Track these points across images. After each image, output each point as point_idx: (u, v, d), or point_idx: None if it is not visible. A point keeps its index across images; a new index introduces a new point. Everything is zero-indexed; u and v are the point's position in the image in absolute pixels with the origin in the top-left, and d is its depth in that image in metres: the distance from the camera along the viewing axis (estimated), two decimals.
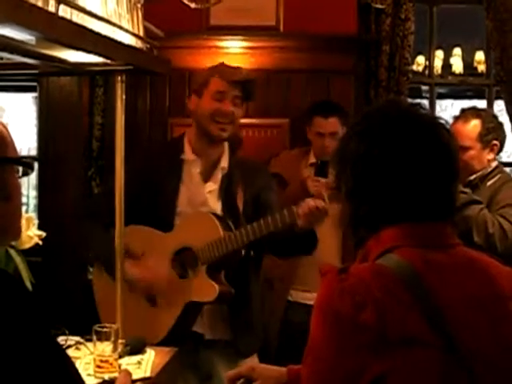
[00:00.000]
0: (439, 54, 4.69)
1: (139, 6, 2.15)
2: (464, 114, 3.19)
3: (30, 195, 6.69)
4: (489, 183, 3.11)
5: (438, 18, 4.54)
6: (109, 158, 3.53)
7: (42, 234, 2.32)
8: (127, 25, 2.05)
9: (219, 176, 2.68)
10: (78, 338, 2.30)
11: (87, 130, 4.24)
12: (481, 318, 1.27)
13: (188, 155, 2.68)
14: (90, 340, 2.13)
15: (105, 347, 2.06)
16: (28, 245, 2.27)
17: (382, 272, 1.25)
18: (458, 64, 4.71)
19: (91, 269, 2.89)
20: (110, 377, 2.02)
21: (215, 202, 2.66)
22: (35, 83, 4.40)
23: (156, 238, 2.62)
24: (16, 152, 1.34)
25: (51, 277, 3.91)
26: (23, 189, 1.44)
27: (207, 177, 2.68)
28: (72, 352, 2.21)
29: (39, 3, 1.51)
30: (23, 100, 7.77)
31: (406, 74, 4.22)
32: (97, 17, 1.81)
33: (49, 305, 2.09)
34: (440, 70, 4.68)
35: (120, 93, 2.38)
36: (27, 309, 1.14)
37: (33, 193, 6.24)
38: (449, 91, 5.99)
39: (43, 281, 2.35)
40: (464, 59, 4.72)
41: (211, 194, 2.67)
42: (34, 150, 4.67)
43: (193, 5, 2.37)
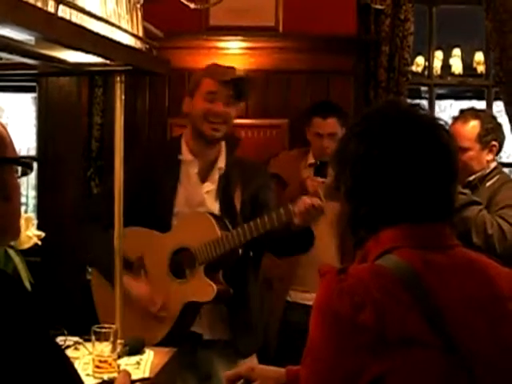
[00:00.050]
0: (438, 55, 4.69)
1: (139, 7, 2.15)
2: (463, 115, 3.18)
3: (30, 195, 6.69)
4: (488, 184, 3.11)
5: (438, 19, 4.55)
6: (108, 159, 3.53)
7: (41, 234, 2.32)
8: (126, 25, 2.05)
9: (216, 176, 2.68)
10: (77, 339, 2.30)
11: (86, 131, 4.24)
12: (480, 319, 1.27)
13: (185, 156, 2.68)
14: (89, 340, 2.13)
15: (104, 347, 2.06)
16: (27, 245, 2.26)
17: (381, 273, 1.26)
18: (458, 65, 4.71)
19: (90, 269, 2.89)
20: (109, 377, 2.02)
21: (213, 202, 2.66)
22: (34, 83, 4.40)
23: (154, 239, 2.62)
24: (15, 152, 1.33)
25: (50, 277, 3.91)
26: (23, 189, 1.44)
27: (205, 177, 2.68)
28: (71, 352, 2.21)
29: (38, 3, 1.51)
30: (22, 100, 7.76)
31: (406, 75, 4.22)
32: (96, 17, 1.81)
33: (48, 305, 2.08)
34: (439, 71, 4.68)
35: (119, 93, 2.38)
36: (26, 309, 1.14)
37: (32, 193, 6.24)
38: (448, 92, 5.99)
39: (42, 281, 2.35)
40: (463, 60, 4.72)
41: (209, 194, 2.67)
42: (34, 150, 4.67)
43: (192, 5, 2.37)
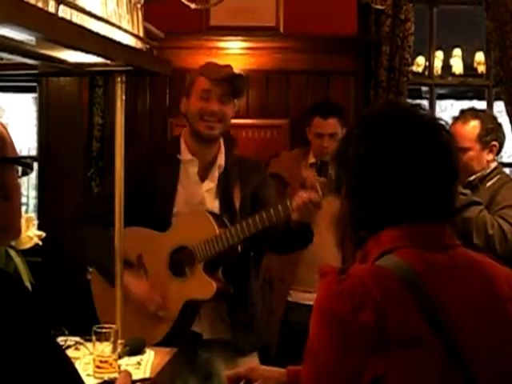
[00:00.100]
0: (439, 55, 4.68)
1: (139, 7, 2.15)
2: (463, 115, 3.18)
3: (30, 195, 6.69)
4: (488, 184, 3.10)
5: (438, 19, 4.55)
6: (108, 159, 3.53)
7: (42, 234, 2.32)
8: (127, 25, 2.05)
9: (216, 174, 2.68)
10: (78, 339, 2.30)
11: (87, 131, 4.24)
12: (480, 319, 1.27)
13: (184, 155, 2.68)
14: (90, 340, 2.13)
15: (104, 348, 2.06)
16: (28, 245, 2.26)
17: (382, 273, 1.26)
18: (458, 65, 4.69)
19: (90, 269, 2.88)
20: (110, 377, 2.02)
21: (212, 201, 2.67)
22: (35, 84, 4.41)
23: (153, 239, 2.62)
24: (16, 152, 1.34)
25: (51, 277, 3.92)
26: (23, 189, 1.44)
27: (204, 176, 2.68)
28: (71, 352, 2.22)
29: (39, 4, 1.51)
30: (23, 100, 7.76)
31: (406, 75, 4.22)
32: (97, 17, 1.81)
33: (48, 305, 2.09)
34: (440, 71, 4.67)
35: (120, 93, 2.38)
36: (27, 309, 1.14)
37: (33, 193, 6.24)
38: (449, 92, 5.98)
39: (43, 281, 2.34)
40: (464, 60, 4.71)
41: (208, 193, 2.67)
42: (34, 150, 4.66)
43: (193, 5, 2.36)
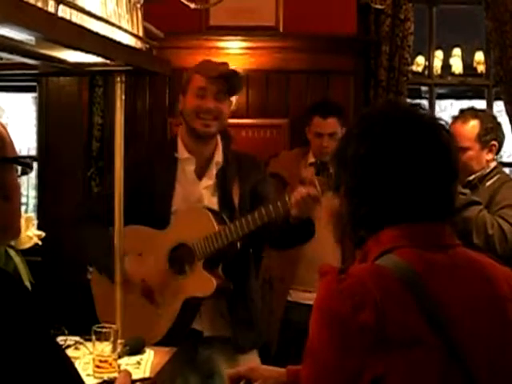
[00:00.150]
0: (439, 55, 4.68)
1: (139, 7, 2.15)
2: (463, 115, 3.18)
3: (30, 195, 6.69)
4: (488, 184, 3.10)
5: (438, 19, 4.55)
6: (108, 159, 3.53)
7: (42, 234, 2.32)
8: (127, 25, 2.06)
9: (214, 171, 2.68)
10: (78, 338, 2.30)
11: (87, 130, 4.24)
12: (480, 319, 1.27)
13: (181, 153, 2.68)
14: (90, 340, 2.13)
15: (104, 347, 2.06)
16: (27, 245, 2.26)
17: (382, 273, 1.26)
18: (458, 64, 4.69)
19: (90, 269, 2.89)
20: (110, 377, 2.02)
21: (210, 198, 2.66)
22: (35, 83, 4.40)
23: (152, 237, 2.62)
24: (15, 152, 1.34)
25: (51, 277, 3.91)
26: (23, 189, 1.44)
27: (202, 173, 2.68)
28: (71, 352, 2.22)
29: (39, 3, 1.51)
30: (23, 100, 7.76)
31: (406, 75, 4.22)
32: (96, 17, 1.81)
33: (48, 305, 2.09)
34: (439, 71, 4.67)
35: (119, 93, 2.39)
36: (27, 309, 1.14)
37: (32, 193, 6.23)
38: (448, 91, 5.98)
39: (43, 281, 2.35)
40: (464, 59, 4.71)
41: (207, 190, 2.67)
42: (34, 150, 4.66)
43: (192, 5, 2.37)
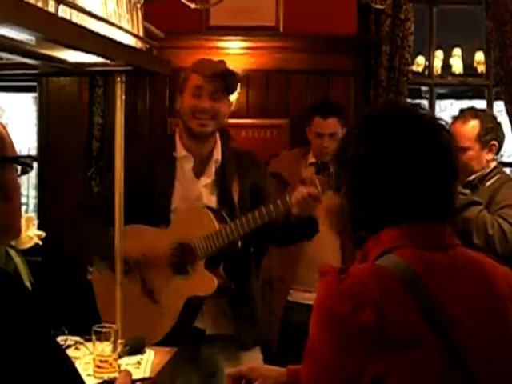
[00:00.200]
0: (439, 55, 4.68)
1: (139, 7, 2.15)
2: (463, 115, 3.17)
3: (30, 195, 6.69)
4: (488, 184, 3.10)
5: (438, 19, 4.55)
6: (108, 158, 3.53)
7: (42, 234, 2.32)
8: (127, 25, 2.06)
9: (213, 169, 2.68)
10: (78, 338, 2.30)
11: (87, 130, 4.24)
12: (480, 319, 1.27)
13: (180, 152, 2.68)
14: (90, 340, 2.13)
15: (104, 347, 2.06)
16: (28, 245, 2.26)
17: (382, 273, 1.26)
18: (458, 64, 4.70)
19: (91, 269, 2.88)
20: (110, 377, 2.02)
21: (209, 196, 2.66)
22: (35, 83, 4.41)
23: (153, 237, 2.62)
24: (15, 152, 1.34)
25: (51, 277, 3.91)
26: (23, 189, 1.44)
27: (201, 171, 2.68)
28: (71, 352, 2.22)
29: (39, 3, 1.51)
30: (23, 100, 7.76)
31: (406, 75, 4.22)
32: (96, 17, 1.81)
33: (48, 305, 2.09)
34: (440, 71, 4.67)
35: (120, 93, 2.39)
36: (27, 309, 1.14)
37: (33, 193, 6.24)
38: (448, 91, 5.98)
39: (43, 281, 2.34)
40: (464, 59, 4.71)
41: (206, 188, 2.67)
42: (34, 150, 4.67)
43: (192, 5, 2.37)
